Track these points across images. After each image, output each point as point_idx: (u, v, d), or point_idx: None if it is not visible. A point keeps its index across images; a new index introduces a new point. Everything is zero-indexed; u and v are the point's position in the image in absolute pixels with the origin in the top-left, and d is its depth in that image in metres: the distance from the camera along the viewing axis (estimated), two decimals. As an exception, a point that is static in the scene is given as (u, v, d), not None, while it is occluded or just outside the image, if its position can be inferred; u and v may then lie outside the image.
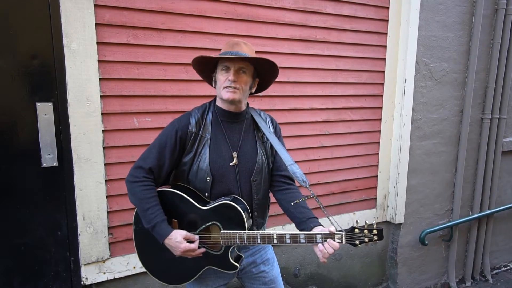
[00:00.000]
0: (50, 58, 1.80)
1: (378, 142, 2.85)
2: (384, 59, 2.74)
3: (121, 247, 2.06)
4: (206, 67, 1.52)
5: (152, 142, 1.48)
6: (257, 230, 1.55)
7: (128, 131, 2.00)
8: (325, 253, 1.36)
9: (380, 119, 2.83)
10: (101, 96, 1.90)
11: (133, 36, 1.94)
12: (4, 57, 1.72)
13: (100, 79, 1.89)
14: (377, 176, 2.89)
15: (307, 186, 1.48)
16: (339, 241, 1.37)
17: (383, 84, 2.78)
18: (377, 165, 2.88)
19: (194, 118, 1.48)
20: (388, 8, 2.68)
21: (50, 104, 1.82)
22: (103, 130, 1.93)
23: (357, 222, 1.41)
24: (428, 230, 2.99)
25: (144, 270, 2.11)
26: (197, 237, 1.43)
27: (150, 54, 1.99)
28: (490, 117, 3.12)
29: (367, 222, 1.41)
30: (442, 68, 2.89)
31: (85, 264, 1.97)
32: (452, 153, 3.09)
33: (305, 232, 1.40)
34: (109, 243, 2.02)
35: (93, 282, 2.01)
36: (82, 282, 1.98)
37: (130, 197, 1.45)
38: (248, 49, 1.46)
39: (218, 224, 1.43)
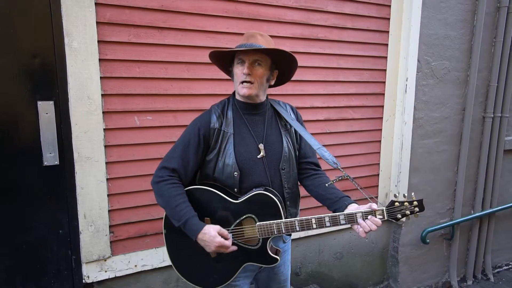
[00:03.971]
0: (51, 56, 1.80)
1: (380, 141, 2.85)
2: (386, 57, 2.73)
3: (122, 245, 2.07)
4: (224, 62, 1.49)
5: (175, 143, 1.46)
6: None
7: (129, 130, 2.00)
8: (366, 228, 1.34)
9: (382, 118, 2.82)
10: (102, 95, 1.90)
11: (134, 34, 1.94)
12: (5, 56, 1.72)
13: (101, 77, 1.89)
14: (378, 174, 2.89)
15: (339, 167, 1.47)
16: (380, 217, 1.36)
17: (384, 82, 2.77)
18: (379, 164, 2.87)
19: (215, 114, 1.45)
20: (389, 6, 2.67)
21: (51, 102, 1.83)
22: (104, 129, 1.93)
23: (395, 196, 1.40)
24: (430, 229, 2.99)
25: (145, 268, 2.13)
26: (230, 234, 1.39)
27: (151, 53, 1.99)
28: (492, 115, 3.11)
29: (405, 194, 1.42)
30: (444, 66, 2.88)
31: (86, 263, 1.98)
32: (454, 151, 3.08)
33: (345, 212, 1.37)
34: (111, 242, 2.03)
35: (95, 281, 2.01)
36: (83, 281, 1.99)
37: (157, 199, 1.40)
38: (264, 40, 1.42)
39: (253, 216, 1.39)
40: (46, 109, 1.82)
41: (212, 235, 1.33)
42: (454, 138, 3.05)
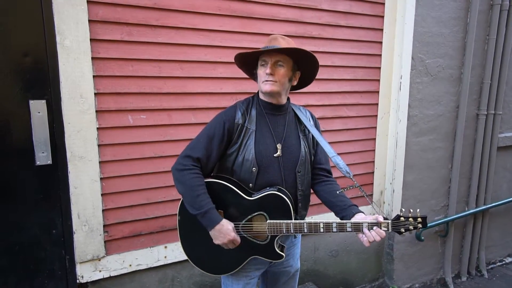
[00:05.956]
0: (43, 55, 1.78)
1: (374, 139, 2.85)
2: (380, 55, 2.74)
3: (117, 245, 2.06)
4: (248, 64, 1.57)
5: (198, 134, 1.51)
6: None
7: (123, 129, 1.99)
8: (371, 238, 1.40)
9: (376, 116, 2.83)
10: (95, 94, 1.89)
11: (126, 32, 1.92)
12: (-4, 54, 1.70)
13: (94, 76, 1.87)
14: (373, 172, 2.89)
15: (351, 176, 1.54)
16: (385, 229, 1.42)
17: (379, 80, 2.77)
18: (373, 162, 2.88)
19: (240, 111, 1.51)
20: (383, 4, 2.67)
21: (44, 101, 1.81)
22: (97, 128, 1.92)
23: (401, 210, 1.46)
24: (424, 226, 3.00)
25: (139, 268, 2.12)
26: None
27: (144, 51, 1.98)
28: (486, 112, 3.12)
29: (411, 210, 1.48)
30: (438, 64, 2.89)
31: (80, 263, 1.96)
32: (448, 149, 3.10)
33: (352, 221, 1.43)
34: (105, 241, 2.02)
35: (89, 280, 2.00)
36: (77, 281, 1.98)
37: (177, 185, 1.46)
38: (285, 43, 1.48)
39: (264, 214, 1.47)
40: (38, 108, 1.80)
41: (230, 229, 1.43)
42: (448, 135, 3.07)
